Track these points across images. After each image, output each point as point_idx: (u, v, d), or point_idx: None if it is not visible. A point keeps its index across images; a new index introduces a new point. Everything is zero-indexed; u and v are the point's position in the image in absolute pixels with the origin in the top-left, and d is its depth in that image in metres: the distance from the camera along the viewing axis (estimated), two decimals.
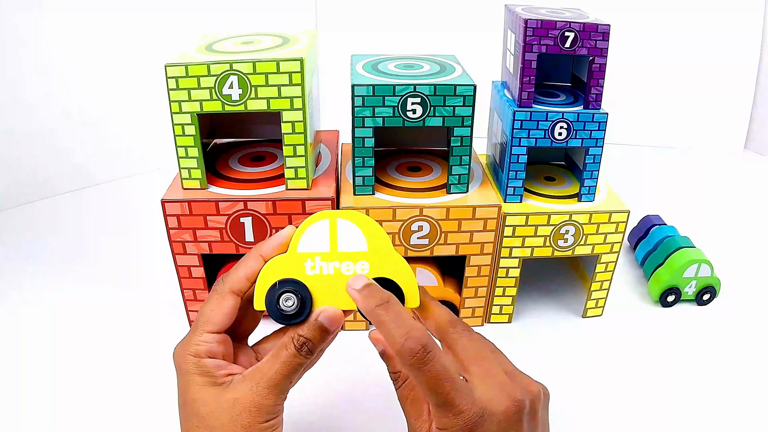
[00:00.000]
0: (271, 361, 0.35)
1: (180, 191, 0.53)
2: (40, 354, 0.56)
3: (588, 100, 0.55)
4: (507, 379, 0.34)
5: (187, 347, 0.35)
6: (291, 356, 0.35)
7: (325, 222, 0.37)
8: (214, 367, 0.35)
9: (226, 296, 0.36)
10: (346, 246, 0.37)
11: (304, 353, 0.35)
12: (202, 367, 0.35)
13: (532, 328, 0.61)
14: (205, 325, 0.36)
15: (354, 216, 0.37)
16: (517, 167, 0.56)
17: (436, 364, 0.32)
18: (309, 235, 0.37)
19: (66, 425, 0.48)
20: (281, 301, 0.36)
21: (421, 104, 0.51)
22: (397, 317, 0.34)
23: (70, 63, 0.84)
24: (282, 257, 0.37)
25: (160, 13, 0.89)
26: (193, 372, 0.35)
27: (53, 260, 0.71)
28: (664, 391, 0.53)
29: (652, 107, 1.08)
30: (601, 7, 0.69)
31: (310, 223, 0.37)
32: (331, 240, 0.37)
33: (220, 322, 0.36)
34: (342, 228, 0.37)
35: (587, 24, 0.52)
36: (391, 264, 0.37)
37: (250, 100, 0.50)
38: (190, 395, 0.35)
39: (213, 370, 0.35)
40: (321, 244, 0.37)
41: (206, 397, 0.34)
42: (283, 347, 0.35)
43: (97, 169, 0.91)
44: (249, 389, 0.34)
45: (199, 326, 0.36)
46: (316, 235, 0.37)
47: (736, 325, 0.61)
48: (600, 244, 0.57)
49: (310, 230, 0.37)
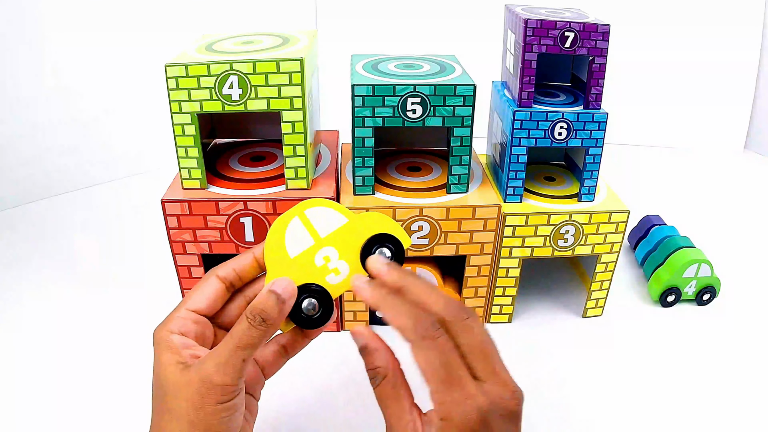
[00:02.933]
0: (227, 339, 0.33)
1: (180, 191, 0.53)
2: (40, 354, 0.56)
3: (588, 100, 0.55)
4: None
5: (165, 324, 0.35)
6: (244, 329, 0.33)
7: (296, 219, 0.37)
8: (180, 345, 0.34)
9: (209, 279, 0.37)
10: (326, 230, 0.37)
11: (258, 324, 0.33)
12: (169, 342, 0.34)
13: (532, 328, 0.61)
14: (185, 303, 0.36)
15: (315, 201, 0.37)
16: (517, 167, 0.56)
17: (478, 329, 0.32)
18: (290, 238, 0.37)
19: (66, 425, 0.48)
20: (303, 306, 0.36)
21: (421, 104, 0.51)
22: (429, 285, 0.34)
23: (70, 63, 0.84)
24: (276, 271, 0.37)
25: (160, 13, 0.89)
26: (163, 348, 0.34)
27: (53, 260, 0.71)
28: (664, 391, 0.53)
29: (652, 107, 1.08)
30: (601, 7, 0.69)
31: (284, 226, 0.37)
32: (310, 232, 0.37)
33: (199, 301, 0.36)
34: (313, 216, 0.37)
35: (587, 24, 0.52)
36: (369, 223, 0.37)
37: (250, 100, 0.50)
38: (155, 372, 0.34)
39: (180, 348, 0.34)
40: (305, 239, 0.37)
41: (168, 376, 0.33)
42: (238, 323, 0.34)
43: (97, 169, 0.91)
44: (203, 369, 0.32)
45: (181, 303, 0.36)
46: (296, 235, 0.37)
47: (736, 325, 0.61)
48: (600, 244, 0.57)
49: (288, 233, 0.37)
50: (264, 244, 0.37)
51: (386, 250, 0.37)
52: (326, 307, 0.37)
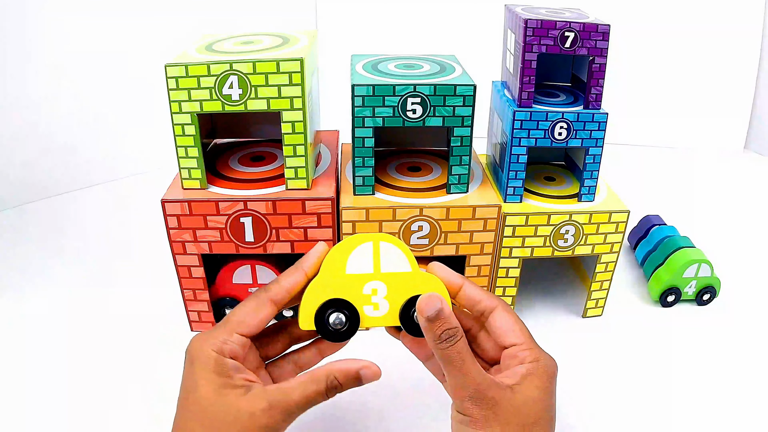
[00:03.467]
0: (298, 389, 0.35)
1: (180, 191, 0.53)
2: (40, 353, 0.56)
3: (588, 100, 0.55)
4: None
5: (210, 342, 0.35)
6: (318, 393, 0.35)
7: (369, 244, 0.38)
8: (233, 369, 0.34)
9: (266, 303, 0.37)
10: (388, 267, 0.38)
11: (330, 395, 0.36)
12: (222, 366, 0.34)
13: (532, 328, 0.60)
14: (238, 326, 0.36)
15: (395, 240, 0.39)
16: (517, 167, 0.56)
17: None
18: (355, 257, 0.38)
19: (65, 424, 0.48)
20: (331, 319, 0.37)
21: (421, 104, 0.51)
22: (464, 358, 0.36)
23: (70, 63, 0.84)
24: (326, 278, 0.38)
25: (161, 13, 0.89)
26: (210, 368, 0.34)
27: (53, 260, 0.71)
28: (663, 391, 0.53)
29: (652, 107, 1.08)
30: (601, 7, 0.69)
31: (356, 245, 0.38)
32: (374, 261, 0.38)
33: (254, 326, 0.36)
34: (384, 249, 0.39)
35: (587, 24, 0.52)
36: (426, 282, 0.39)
37: (250, 100, 0.50)
38: (199, 391, 0.34)
39: (232, 372, 0.34)
40: (366, 265, 0.38)
41: (216, 398, 0.33)
42: (314, 382, 0.35)
43: (97, 169, 0.91)
44: (268, 409, 0.34)
45: (230, 325, 0.36)
46: (361, 257, 0.38)
47: (736, 325, 0.61)
48: (600, 244, 0.57)
49: (356, 252, 0.38)
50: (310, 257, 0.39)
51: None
52: (350, 329, 0.38)
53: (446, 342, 0.35)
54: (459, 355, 0.35)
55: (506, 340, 0.38)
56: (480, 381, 0.35)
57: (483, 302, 0.39)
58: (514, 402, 0.35)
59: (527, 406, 0.35)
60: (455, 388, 0.35)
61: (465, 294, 0.39)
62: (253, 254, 0.55)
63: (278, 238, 0.53)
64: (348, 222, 0.53)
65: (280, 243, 0.54)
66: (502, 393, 0.35)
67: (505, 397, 0.35)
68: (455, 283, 0.39)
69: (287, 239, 0.54)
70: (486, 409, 0.34)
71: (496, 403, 0.35)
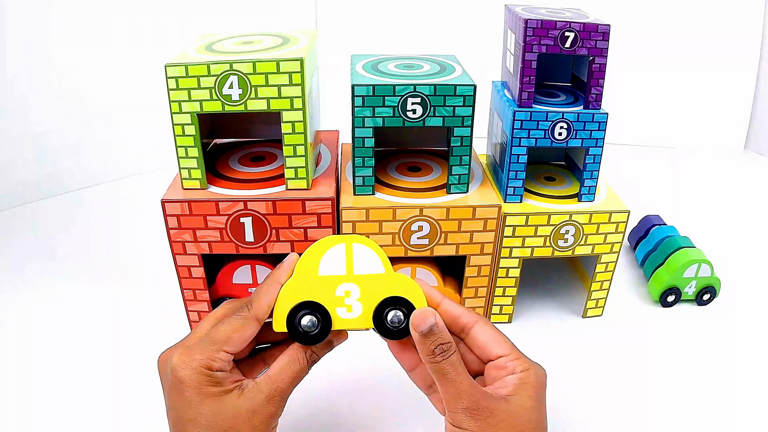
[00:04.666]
0: (286, 372, 0.37)
1: (180, 191, 0.53)
2: (40, 353, 0.56)
3: (588, 100, 0.55)
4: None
5: (197, 359, 0.35)
6: (302, 370, 0.38)
7: (342, 246, 0.39)
8: (223, 378, 0.36)
9: (251, 322, 0.38)
10: (361, 269, 0.39)
11: (310, 367, 0.39)
12: (214, 378, 0.35)
13: (532, 328, 0.61)
14: (224, 344, 0.36)
15: (368, 241, 0.39)
16: (517, 167, 0.56)
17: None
18: (327, 259, 0.39)
19: (65, 424, 0.48)
20: (303, 322, 0.38)
21: (421, 104, 0.51)
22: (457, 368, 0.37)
23: (70, 63, 0.84)
24: (299, 281, 0.38)
25: (160, 13, 0.89)
26: (201, 383, 0.35)
27: (53, 260, 0.71)
28: (664, 391, 0.53)
29: (652, 107, 1.08)
30: (601, 7, 0.69)
31: (328, 247, 0.38)
32: (347, 263, 0.38)
33: (240, 345, 0.37)
34: (357, 251, 0.39)
35: (587, 24, 0.52)
36: (399, 284, 0.39)
37: (250, 100, 0.50)
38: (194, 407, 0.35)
39: (223, 380, 0.36)
40: (339, 267, 0.39)
41: (217, 406, 0.35)
42: (295, 361, 0.37)
43: (97, 169, 0.91)
44: (267, 400, 0.36)
45: (217, 343, 0.36)
46: (334, 259, 0.39)
47: (736, 325, 0.61)
48: (600, 244, 0.57)
49: (328, 254, 0.39)
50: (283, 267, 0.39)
51: (400, 314, 0.38)
52: (322, 332, 0.38)
53: (440, 356, 0.36)
54: (453, 368, 0.36)
55: (492, 352, 0.38)
56: (474, 392, 0.35)
57: (463, 317, 0.39)
58: (509, 412, 0.35)
59: (522, 415, 0.35)
60: (449, 400, 0.36)
61: (445, 310, 0.39)
62: (253, 254, 0.55)
63: (278, 239, 0.53)
64: (348, 222, 0.53)
65: (280, 243, 0.54)
66: (497, 403, 0.35)
67: (500, 407, 0.35)
68: (434, 298, 0.39)
69: (287, 239, 0.54)
70: (481, 420, 0.35)
71: (491, 414, 0.35)
